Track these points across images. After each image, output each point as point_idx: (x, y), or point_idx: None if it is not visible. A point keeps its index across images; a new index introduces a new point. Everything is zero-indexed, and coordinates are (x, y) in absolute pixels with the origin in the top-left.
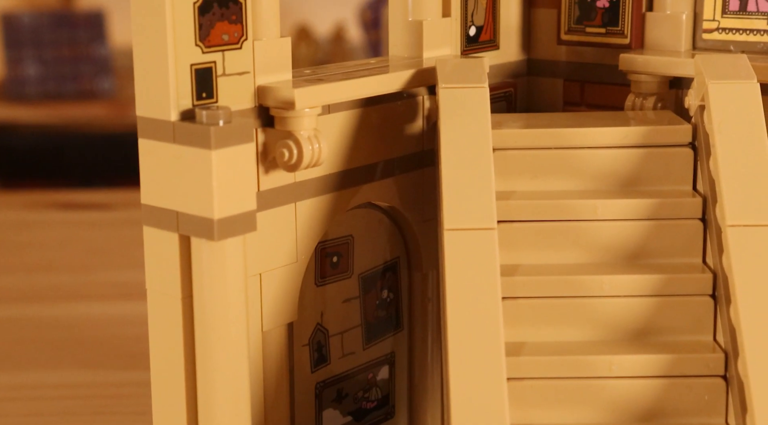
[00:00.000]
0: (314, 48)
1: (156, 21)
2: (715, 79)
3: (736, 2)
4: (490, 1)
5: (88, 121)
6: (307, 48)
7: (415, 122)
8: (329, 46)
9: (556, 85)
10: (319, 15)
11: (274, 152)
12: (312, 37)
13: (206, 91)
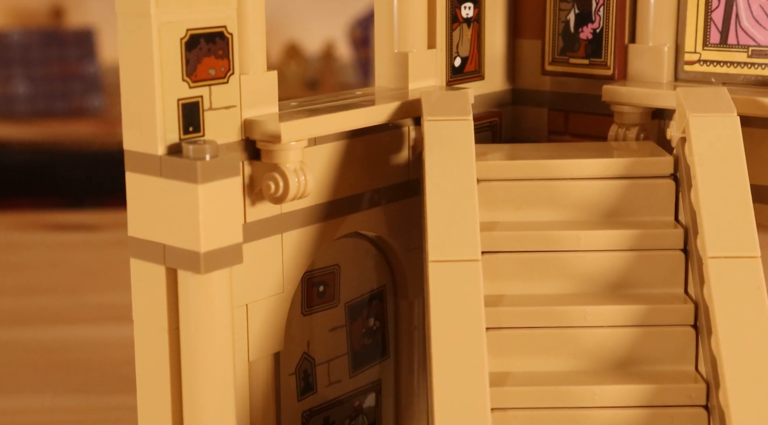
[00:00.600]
0: (304, 66)
1: (143, 56)
2: (696, 112)
3: (717, 35)
4: (475, 33)
5: (78, 138)
6: (297, 66)
7: (401, 152)
8: (319, 64)
9: (541, 115)
10: (309, 33)
11: (261, 184)
12: (302, 55)
13: (193, 125)
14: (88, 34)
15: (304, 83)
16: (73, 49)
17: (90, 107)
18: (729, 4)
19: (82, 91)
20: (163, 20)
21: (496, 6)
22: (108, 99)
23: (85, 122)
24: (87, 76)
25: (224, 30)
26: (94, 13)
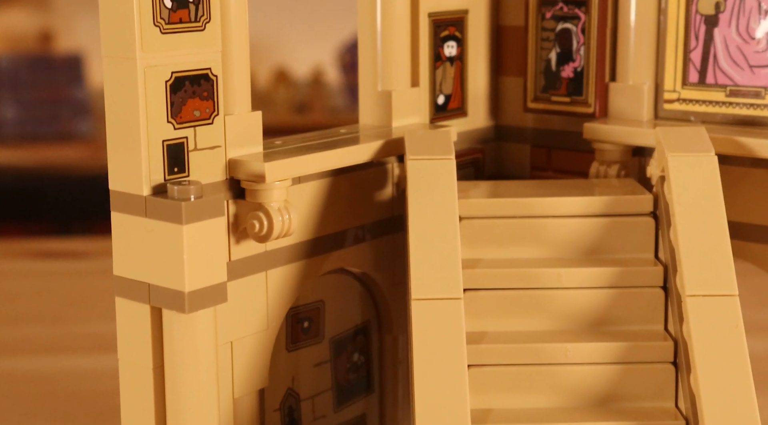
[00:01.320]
0: (293, 90)
1: (129, 99)
2: (675, 152)
3: (696, 74)
4: (458, 71)
5: (66, 163)
6: (285, 90)
7: (385, 189)
8: (308, 89)
9: (524, 151)
10: (298, 57)
11: (245, 223)
12: (290, 79)
13: (178, 165)
14: (76, 59)
15: (292, 108)
16: (61, 74)
17: (78, 131)
18: (707, 44)
19: (71, 116)
20: (148, 64)
21: (478, 44)
22: (96, 123)
23: (73, 147)
24: (75, 100)
25: (209, 72)
26: (82, 38)
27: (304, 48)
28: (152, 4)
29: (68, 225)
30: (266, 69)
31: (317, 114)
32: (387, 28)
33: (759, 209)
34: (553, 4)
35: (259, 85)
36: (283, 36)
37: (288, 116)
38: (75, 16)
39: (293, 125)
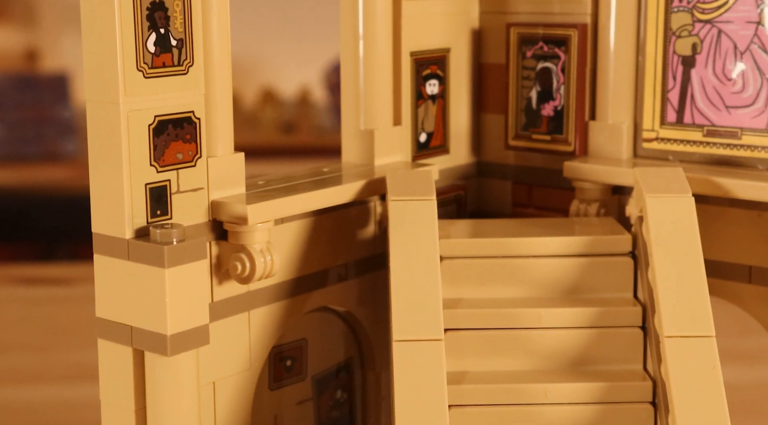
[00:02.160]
0: (280, 111)
1: (112, 143)
2: (652, 193)
3: (673, 114)
4: (440, 109)
5: (52, 183)
6: (272, 111)
7: (368, 227)
8: (294, 109)
9: (505, 188)
10: (285, 78)
11: (228, 264)
12: (277, 100)
13: (161, 208)
14: (62, 79)
15: (279, 128)
16: (47, 94)
17: (64, 151)
18: (684, 84)
19: (56, 136)
20: (131, 108)
21: (460, 82)
22: (82, 143)
23: (59, 166)
24: (61, 120)
25: (192, 115)
26: (69, 57)
27: (291, 68)
28: (136, 49)
29: (53, 247)
30: (253, 89)
31: (304, 134)
32: (369, 67)
33: (736, 247)
34: (534, 44)
35: (246, 105)
36: (270, 56)
37: (275, 136)
38: (61, 35)
39: (280, 145)
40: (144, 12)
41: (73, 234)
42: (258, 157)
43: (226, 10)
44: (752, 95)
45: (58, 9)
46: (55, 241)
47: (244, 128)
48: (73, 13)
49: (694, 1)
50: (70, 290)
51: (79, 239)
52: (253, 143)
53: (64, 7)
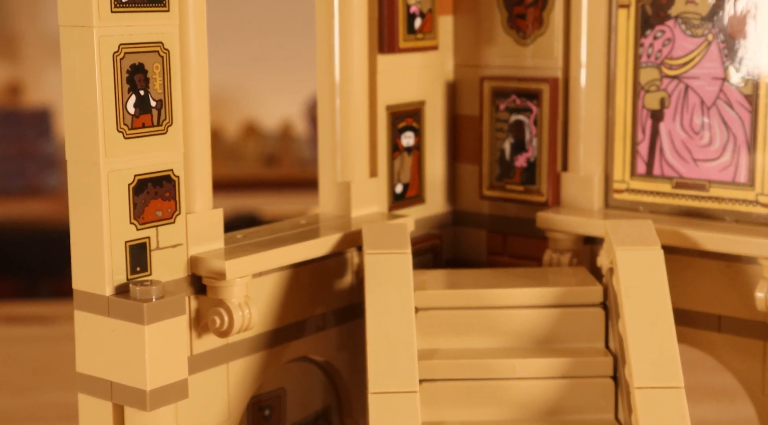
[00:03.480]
0: (262, 144)
1: (92, 202)
2: (622, 246)
3: (643, 166)
4: (416, 160)
5: (34, 217)
6: (254, 144)
7: (345, 277)
8: (276, 142)
9: (480, 236)
10: (267, 110)
11: (206, 318)
12: (259, 133)
13: (140, 265)
14: (44, 114)
15: (261, 160)
16: (29, 128)
17: (46, 185)
18: (653, 137)
19: (39, 170)
20: (111, 168)
21: (435, 133)
22: (64, 177)
23: (41, 201)
24: (43, 154)
25: (171, 173)
26: (51, 92)
27: (273, 101)
28: (116, 111)
29: (36, 282)
30: (235, 123)
31: (286, 167)
32: (346, 120)
33: (705, 297)
34: (507, 97)
35: (228, 138)
36: (252, 89)
37: (257, 169)
38: (44, 70)
39: (262, 178)
40: (124, 75)
41: (56, 269)
42: (240, 190)
43: (204, 70)
44: (719, 149)
45: (40, 43)
46: (38, 276)
47: (226, 161)
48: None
49: (662, 57)
50: (53, 328)
51: (61, 274)
52: (236, 176)
53: (47, 41)
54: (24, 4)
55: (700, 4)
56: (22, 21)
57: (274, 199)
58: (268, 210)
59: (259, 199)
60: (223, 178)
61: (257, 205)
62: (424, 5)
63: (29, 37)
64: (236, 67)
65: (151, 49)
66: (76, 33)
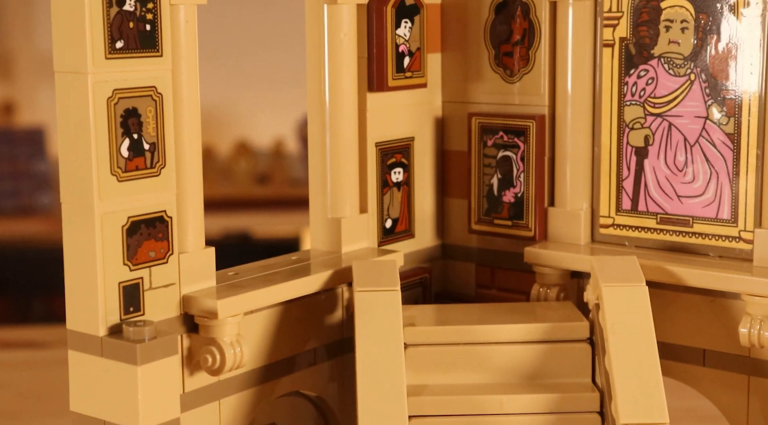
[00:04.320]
0: (254, 162)
1: (86, 245)
2: (608, 283)
3: (629, 202)
4: (405, 195)
5: (28, 237)
6: (246, 163)
7: (335, 313)
8: (269, 160)
9: (469, 270)
10: (259, 129)
11: (199, 356)
12: (252, 152)
13: (133, 305)
14: (38, 133)
15: (253, 179)
16: (23, 148)
17: (39, 205)
18: (638, 174)
19: (32, 190)
20: (105, 211)
21: (424, 168)
22: (58, 196)
23: (34, 220)
24: (37, 174)
25: (164, 214)
26: (44, 111)
27: (265, 120)
28: (110, 154)
29: (29, 303)
30: (228, 141)
31: (277, 185)
32: (335, 158)
33: (690, 331)
34: (494, 133)
35: (221, 157)
36: (244, 108)
37: (248, 188)
38: (37, 89)
39: (254, 197)
40: (118, 119)
41: (49, 289)
42: (232, 209)
43: (196, 111)
44: (702, 186)
45: (34, 63)
46: (31, 296)
47: (218, 179)
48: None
49: (646, 96)
50: (45, 353)
51: (55, 294)
52: (228, 194)
53: (40, 60)
54: (18, 23)
55: (683, 44)
56: (15, 40)
57: (266, 218)
58: (260, 229)
59: (251, 218)
60: (216, 197)
61: (249, 224)
62: (412, 44)
63: (23, 56)
64: (228, 86)
65: (145, 93)
66: (71, 79)
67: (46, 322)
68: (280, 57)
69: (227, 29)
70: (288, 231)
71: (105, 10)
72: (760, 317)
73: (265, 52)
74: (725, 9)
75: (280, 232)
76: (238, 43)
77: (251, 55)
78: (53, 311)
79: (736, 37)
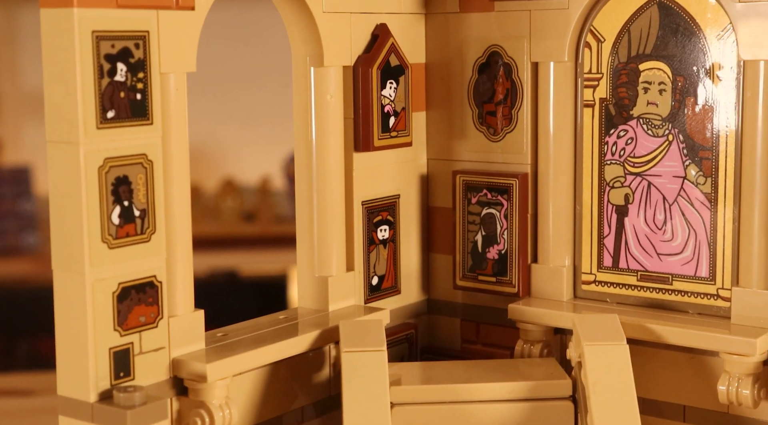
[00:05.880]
0: (240, 200)
1: (77, 312)
2: (590, 342)
3: (610, 259)
4: (391, 252)
5: (14, 277)
6: (233, 201)
7: (323, 371)
8: (255, 197)
9: (454, 325)
10: (246, 167)
11: (188, 419)
12: (238, 190)
13: (124, 370)
14: (24, 172)
15: (240, 217)
16: (9, 188)
17: (25, 245)
18: (619, 231)
19: (18, 230)
20: (96, 278)
21: (410, 224)
22: (44, 236)
23: (20, 261)
24: (23, 214)
25: (154, 279)
26: (30, 150)
27: (252, 157)
28: (101, 222)
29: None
30: (214, 179)
31: (264, 223)
32: (323, 217)
33: (670, 387)
34: (478, 191)
35: (207, 195)
36: (230, 146)
37: (236, 226)
38: (23, 128)
39: (241, 234)
40: (109, 188)
41: (35, 330)
42: (219, 247)
43: (186, 175)
44: (681, 244)
45: (20, 101)
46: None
47: (205, 217)
48: (35, 104)
49: (626, 155)
50: (31, 400)
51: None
52: (214, 233)
53: (26, 98)
54: (4, 62)
55: (661, 105)
56: (1, 79)
57: (253, 255)
58: (247, 267)
59: (238, 256)
60: (202, 235)
61: (236, 262)
62: (398, 104)
63: (9, 95)
64: (214, 123)
65: (135, 161)
66: (63, 149)
67: (32, 367)
68: (265, 94)
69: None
70: (275, 269)
71: (96, 81)
72: (738, 375)
73: (251, 90)
74: (701, 72)
75: (267, 270)
76: (224, 80)
77: (237, 92)
78: (39, 354)
79: (713, 100)
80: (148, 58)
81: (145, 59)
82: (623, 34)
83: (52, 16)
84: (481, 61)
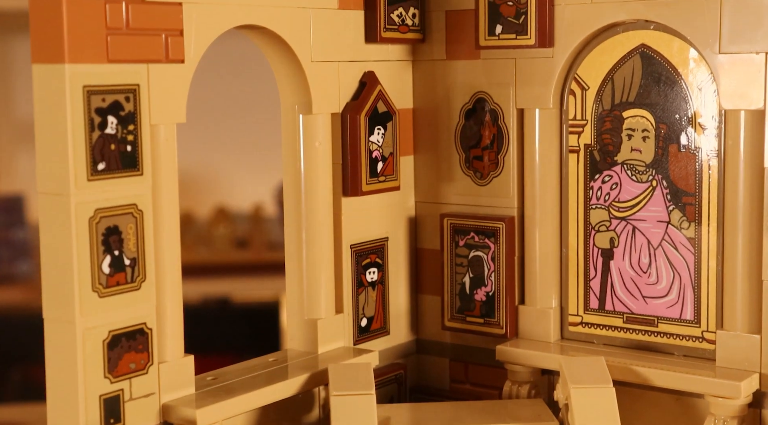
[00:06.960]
0: (232, 228)
1: (67, 361)
2: (576, 384)
3: (596, 301)
4: (380, 294)
5: (6, 305)
6: (225, 228)
7: (312, 412)
8: (247, 225)
9: (443, 365)
10: (238, 194)
11: None
12: (230, 218)
13: (114, 416)
14: (17, 200)
15: (233, 244)
16: (2, 216)
17: (18, 273)
18: (605, 274)
19: (11, 258)
20: (86, 326)
21: (398, 266)
22: (37, 264)
23: (13, 289)
24: (16, 242)
25: (144, 326)
26: (23, 179)
27: (244, 184)
28: (91, 271)
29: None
30: (207, 207)
31: (256, 250)
32: (311, 260)
33: None
34: (466, 234)
35: (199, 222)
36: (223, 173)
37: (228, 253)
38: (15, 156)
39: (233, 262)
40: (99, 238)
41: (27, 358)
42: (211, 274)
43: (176, 223)
44: (666, 287)
45: (12, 130)
46: (9, 367)
47: (197, 245)
48: (27, 133)
49: (610, 200)
50: None
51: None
52: (206, 260)
53: (17, 127)
54: None
55: (644, 152)
56: None
57: (246, 282)
58: (239, 294)
59: (231, 283)
60: (195, 262)
61: (229, 289)
62: (385, 149)
63: (2, 123)
64: (206, 151)
65: (126, 211)
66: (54, 200)
67: (24, 398)
68: (257, 122)
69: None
70: (267, 296)
71: (87, 135)
72: (723, 418)
73: (243, 118)
74: (684, 120)
75: (259, 296)
76: (215, 108)
77: (229, 120)
78: (32, 383)
79: (695, 147)
80: (139, 111)
81: (136, 112)
82: (607, 82)
83: (45, 71)
84: (467, 106)
